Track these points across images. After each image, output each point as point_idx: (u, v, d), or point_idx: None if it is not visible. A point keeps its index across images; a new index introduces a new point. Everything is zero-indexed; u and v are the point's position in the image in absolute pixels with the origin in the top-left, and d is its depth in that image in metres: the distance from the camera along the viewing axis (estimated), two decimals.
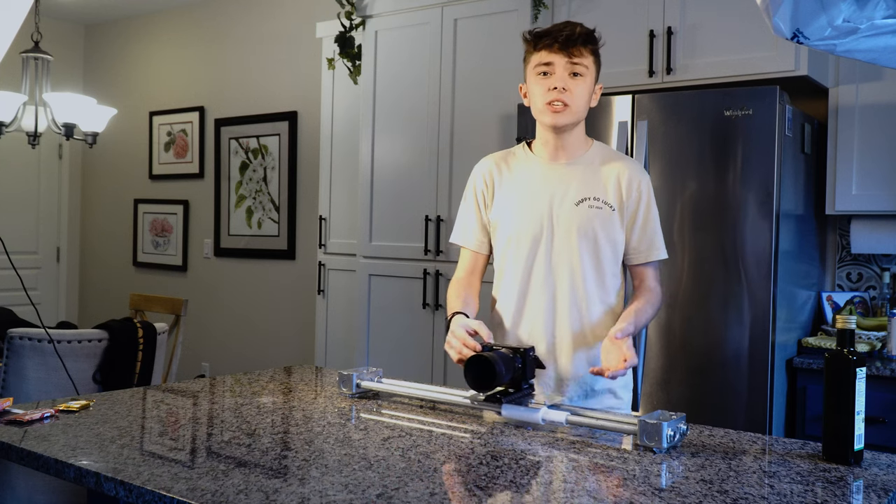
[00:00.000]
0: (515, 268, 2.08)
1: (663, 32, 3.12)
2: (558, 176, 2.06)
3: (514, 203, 2.09)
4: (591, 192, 2.03)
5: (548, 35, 2.00)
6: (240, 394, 2.05)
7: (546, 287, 2.04)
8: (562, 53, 1.98)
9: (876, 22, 1.68)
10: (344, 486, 1.33)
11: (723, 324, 2.78)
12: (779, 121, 2.72)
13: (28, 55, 4.09)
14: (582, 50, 1.99)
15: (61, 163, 6.61)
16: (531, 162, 2.12)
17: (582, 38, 1.99)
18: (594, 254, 2.02)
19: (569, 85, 1.99)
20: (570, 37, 1.98)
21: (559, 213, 2.03)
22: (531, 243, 2.05)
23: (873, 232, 3.09)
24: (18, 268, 2.91)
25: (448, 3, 3.64)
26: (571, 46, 1.98)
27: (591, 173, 2.05)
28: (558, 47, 1.98)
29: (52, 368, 2.99)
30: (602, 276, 2.03)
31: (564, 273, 2.03)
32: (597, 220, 2.02)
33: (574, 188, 2.04)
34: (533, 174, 2.09)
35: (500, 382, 1.76)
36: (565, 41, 1.97)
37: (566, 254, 2.02)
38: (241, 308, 5.63)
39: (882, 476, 1.44)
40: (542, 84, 2.01)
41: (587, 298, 2.02)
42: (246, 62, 5.61)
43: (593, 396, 2.05)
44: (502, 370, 1.74)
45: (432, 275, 3.65)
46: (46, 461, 1.48)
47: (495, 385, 1.75)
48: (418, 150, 3.74)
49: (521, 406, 1.76)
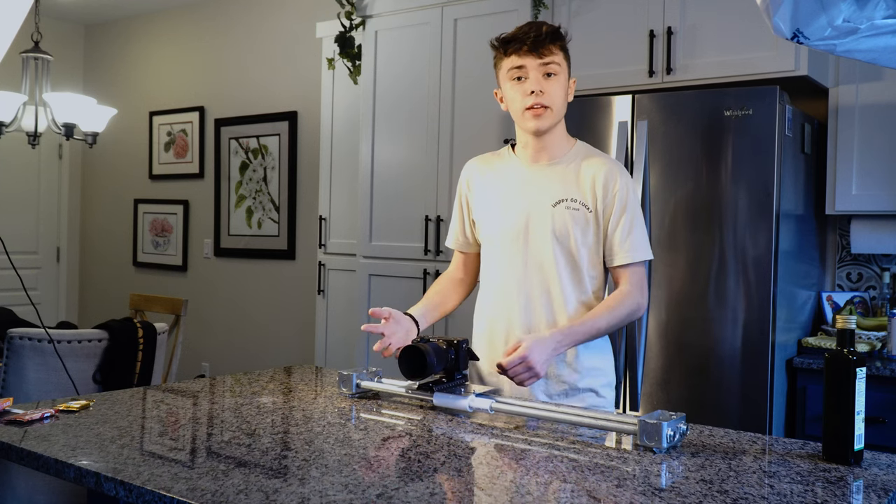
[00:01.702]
0: (494, 267, 2.12)
1: (663, 32, 3.12)
2: (537, 177, 2.08)
3: (494, 204, 2.12)
4: (568, 193, 2.04)
5: (515, 39, 2.00)
6: (240, 394, 2.05)
7: (522, 287, 2.06)
8: (532, 55, 1.98)
9: (876, 22, 1.68)
10: (344, 486, 1.33)
11: (723, 324, 2.78)
12: (779, 121, 2.72)
13: (28, 55, 4.09)
14: (552, 48, 1.99)
15: (61, 163, 6.61)
16: (513, 164, 2.13)
17: (549, 36, 1.99)
18: (569, 255, 2.03)
19: (544, 87, 1.99)
20: (538, 37, 1.98)
21: (535, 214, 2.05)
22: (509, 244, 2.08)
23: (873, 232, 3.09)
24: (18, 268, 2.91)
25: (448, 3, 3.64)
26: (541, 47, 1.98)
27: (570, 174, 2.06)
28: (527, 49, 1.98)
29: (52, 368, 2.99)
30: (579, 277, 2.04)
31: (539, 274, 2.04)
32: (572, 221, 2.02)
33: (552, 189, 2.05)
34: (513, 176, 2.11)
35: (433, 372, 1.85)
36: (534, 43, 1.97)
37: (541, 255, 2.04)
38: (242, 308, 5.63)
39: (882, 476, 1.44)
40: (517, 89, 2.02)
41: (563, 299, 2.03)
42: (246, 62, 5.61)
43: (575, 395, 2.05)
44: (433, 361, 1.83)
45: (432, 275, 3.65)
46: (46, 461, 1.48)
47: (427, 374, 1.85)
48: (418, 150, 3.74)
49: (451, 394, 1.85)
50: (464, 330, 3.41)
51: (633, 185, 2.09)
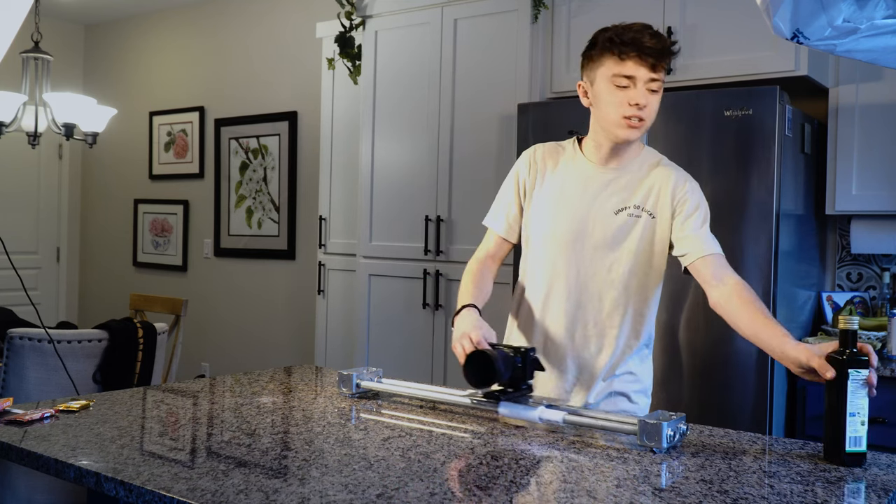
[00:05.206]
0: (545, 266, 2.04)
1: (663, 32, 3.12)
2: (603, 181, 2.00)
3: (554, 201, 2.04)
4: (632, 200, 1.98)
5: (633, 44, 1.87)
6: (240, 394, 2.05)
7: (573, 291, 2.00)
8: (646, 67, 1.87)
9: (876, 22, 1.68)
10: (344, 486, 1.33)
11: (723, 324, 2.76)
12: (779, 121, 2.72)
13: (28, 55, 4.09)
14: (664, 64, 1.91)
15: (61, 163, 6.60)
16: (579, 161, 2.05)
17: (669, 52, 1.90)
18: (624, 263, 1.97)
19: (647, 101, 1.90)
20: (659, 51, 1.87)
21: (596, 218, 1.98)
22: (565, 245, 2.00)
23: (873, 232, 3.09)
24: (18, 268, 2.91)
25: (448, 3, 3.64)
26: (658, 61, 1.88)
27: (636, 181, 1.99)
28: (643, 60, 1.87)
29: (52, 368, 2.99)
30: (631, 285, 1.98)
31: (593, 279, 1.99)
32: (633, 229, 1.97)
33: (616, 195, 1.99)
34: (578, 175, 2.03)
35: (499, 380, 1.74)
36: (653, 55, 1.87)
37: (597, 261, 1.98)
38: (241, 308, 5.63)
39: (882, 476, 1.44)
40: (619, 95, 1.90)
41: (614, 305, 1.99)
42: (246, 62, 5.61)
43: (607, 398, 2.02)
44: (501, 368, 1.72)
45: (432, 275, 3.65)
46: (46, 461, 1.48)
47: (494, 382, 1.74)
48: (418, 150, 3.74)
49: (518, 405, 1.75)
50: None
51: (702, 192, 2.01)
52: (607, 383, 2.02)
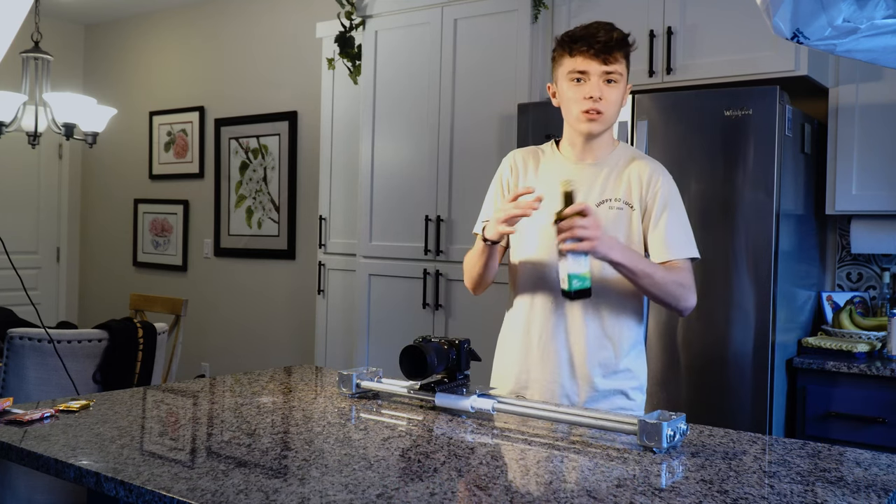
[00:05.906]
0: (531, 264, 2.07)
1: (663, 32, 3.12)
2: (582, 176, 2.04)
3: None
4: (612, 192, 2.02)
5: (583, 40, 1.96)
6: (240, 394, 2.05)
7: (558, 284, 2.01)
8: (597, 61, 1.95)
9: (876, 22, 1.68)
10: (344, 486, 1.33)
11: (723, 324, 2.78)
12: (779, 121, 2.72)
13: (28, 55, 4.09)
14: (617, 56, 1.96)
15: (61, 163, 6.61)
16: (557, 160, 2.11)
17: (618, 44, 1.96)
18: None
19: (604, 93, 1.96)
20: (608, 44, 1.95)
21: None
22: (549, 241, 2.01)
23: (873, 232, 3.09)
24: (18, 268, 2.91)
25: (448, 3, 3.64)
26: (607, 54, 1.95)
27: (614, 174, 2.04)
28: (594, 54, 1.95)
29: (52, 368, 2.99)
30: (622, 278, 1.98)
31: None
32: (616, 220, 2.00)
33: (596, 189, 2.03)
34: (559, 172, 2.07)
35: (434, 372, 1.84)
36: (602, 49, 1.94)
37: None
38: (241, 308, 5.63)
39: (882, 476, 1.44)
40: (576, 91, 1.99)
41: (604, 299, 2.00)
42: (246, 62, 5.61)
43: (605, 398, 2.03)
44: (434, 360, 1.83)
45: (432, 275, 3.65)
46: (46, 461, 1.48)
47: (428, 375, 1.84)
48: (418, 150, 3.74)
49: (453, 394, 1.83)
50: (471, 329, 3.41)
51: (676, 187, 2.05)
52: (603, 380, 2.02)
